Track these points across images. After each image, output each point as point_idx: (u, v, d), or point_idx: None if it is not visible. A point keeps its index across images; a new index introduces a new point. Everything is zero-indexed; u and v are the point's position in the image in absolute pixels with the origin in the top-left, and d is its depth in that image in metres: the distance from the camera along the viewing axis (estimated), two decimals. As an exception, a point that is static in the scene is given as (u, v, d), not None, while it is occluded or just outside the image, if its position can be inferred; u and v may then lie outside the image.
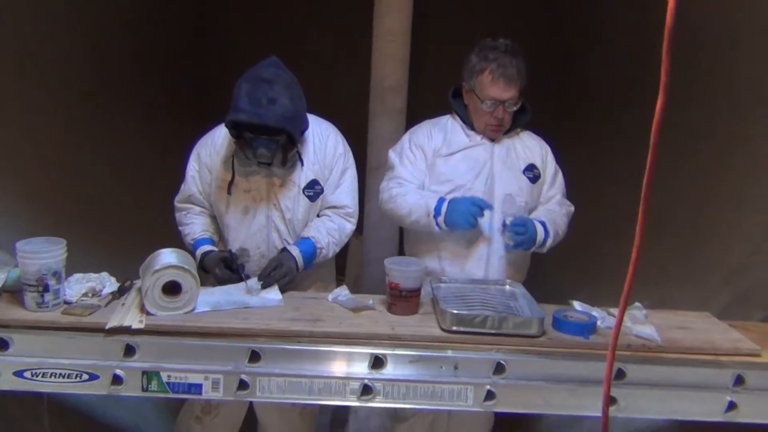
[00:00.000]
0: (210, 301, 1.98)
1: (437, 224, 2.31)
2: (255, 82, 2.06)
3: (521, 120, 2.46)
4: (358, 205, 2.42)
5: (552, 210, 2.44)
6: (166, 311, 1.87)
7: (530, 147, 2.48)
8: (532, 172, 2.44)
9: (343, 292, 2.08)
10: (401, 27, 3.21)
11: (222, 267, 2.20)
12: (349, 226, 2.39)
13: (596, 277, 3.60)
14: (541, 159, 2.48)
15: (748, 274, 2.76)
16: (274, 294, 2.07)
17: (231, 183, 2.27)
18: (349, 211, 2.38)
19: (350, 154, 2.43)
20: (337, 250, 2.39)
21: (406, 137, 2.53)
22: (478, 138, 2.44)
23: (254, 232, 2.31)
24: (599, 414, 1.90)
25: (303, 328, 1.87)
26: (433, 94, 2.84)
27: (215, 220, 2.42)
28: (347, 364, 1.83)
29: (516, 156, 2.44)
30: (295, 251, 2.25)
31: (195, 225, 2.38)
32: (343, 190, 2.38)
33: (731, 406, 1.85)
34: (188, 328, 1.84)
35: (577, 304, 2.09)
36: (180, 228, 2.42)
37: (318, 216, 2.38)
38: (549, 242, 2.37)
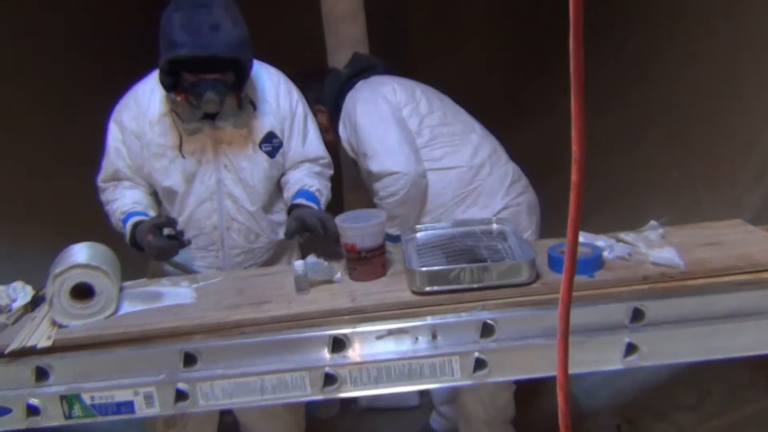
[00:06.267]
0: (137, 299, 1.66)
1: None
2: (189, 7, 1.69)
3: None
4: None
5: None
6: (80, 319, 1.56)
7: None
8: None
9: (310, 260, 1.69)
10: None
11: (157, 233, 1.79)
12: (330, 176, 2.12)
13: (612, 194, 3.20)
14: None
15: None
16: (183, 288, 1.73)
17: (181, 144, 1.91)
18: (326, 162, 2.09)
19: (304, 100, 2.08)
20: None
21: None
22: None
23: (203, 199, 1.95)
24: (620, 366, 1.57)
25: (245, 315, 1.54)
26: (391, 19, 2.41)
27: (151, 195, 2.05)
28: (303, 353, 1.50)
29: None
30: (307, 203, 1.94)
31: (124, 198, 1.99)
32: (312, 140, 2.06)
33: (783, 332, 1.48)
34: (107, 337, 1.52)
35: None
36: (106, 208, 2.03)
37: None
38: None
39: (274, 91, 1.98)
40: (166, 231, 1.80)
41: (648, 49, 3.70)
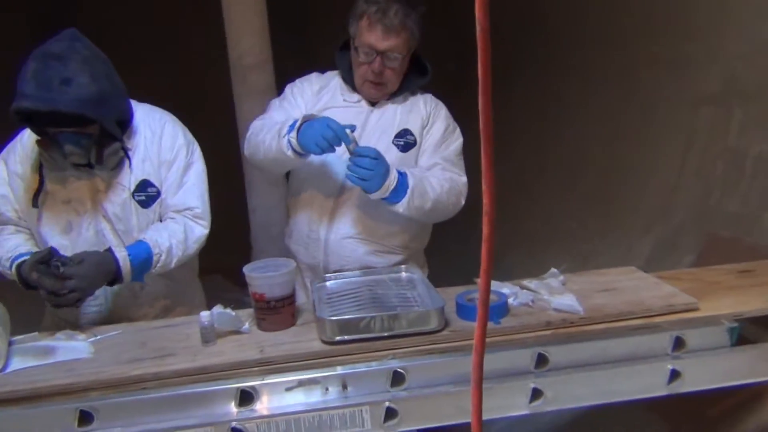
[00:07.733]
0: (28, 354, 1.55)
1: (288, 143, 1.86)
2: (43, 60, 1.61)
3: (415, 83, 2.10)
4: (210, 206, 1.98)
5: (428, 173, 2.03)
6: (-38, 379, 1.44)
7: (412, 110, 2.08)
8: (404, 139, 2.05)
9: (216, 310, 1.63)
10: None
11: (41, 269, 1.67)
12: (199, 229, 1.93)
13: (513, 243, 3.32)
14: (422, 124, 2.08)
15: (671, 215, 2.53)
16: (79, 342, 1.63)
17: (38, 192, 1.82)
18: (197, 212, 1.93)
19: (195, 147, 1.98)
20: (183, 258, 1.91)
21: (289, 85, 2.17)
22: (354, 99, 2.08)
23: (82, 251, 1.85)
24: (526, 411, 1.61)
25: (146, 370, 1.47)
26: (307, 64, 2.39)
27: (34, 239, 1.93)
28: (208, 407, 1.45)
29: (391, 121, 2.06)
30: (122, 254, 1.77)
31: (8, 243, 1.86)
32: (188, 190, 1.93)
33: (674, 375, 1.56)
34: (-9, 396, 1.41)
35: (483, 282, 1.76)
36: None
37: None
38: (406, 197, 1.90)
39: (155, 136, 1.91)
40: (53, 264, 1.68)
41: (548, 98, 3.92)
